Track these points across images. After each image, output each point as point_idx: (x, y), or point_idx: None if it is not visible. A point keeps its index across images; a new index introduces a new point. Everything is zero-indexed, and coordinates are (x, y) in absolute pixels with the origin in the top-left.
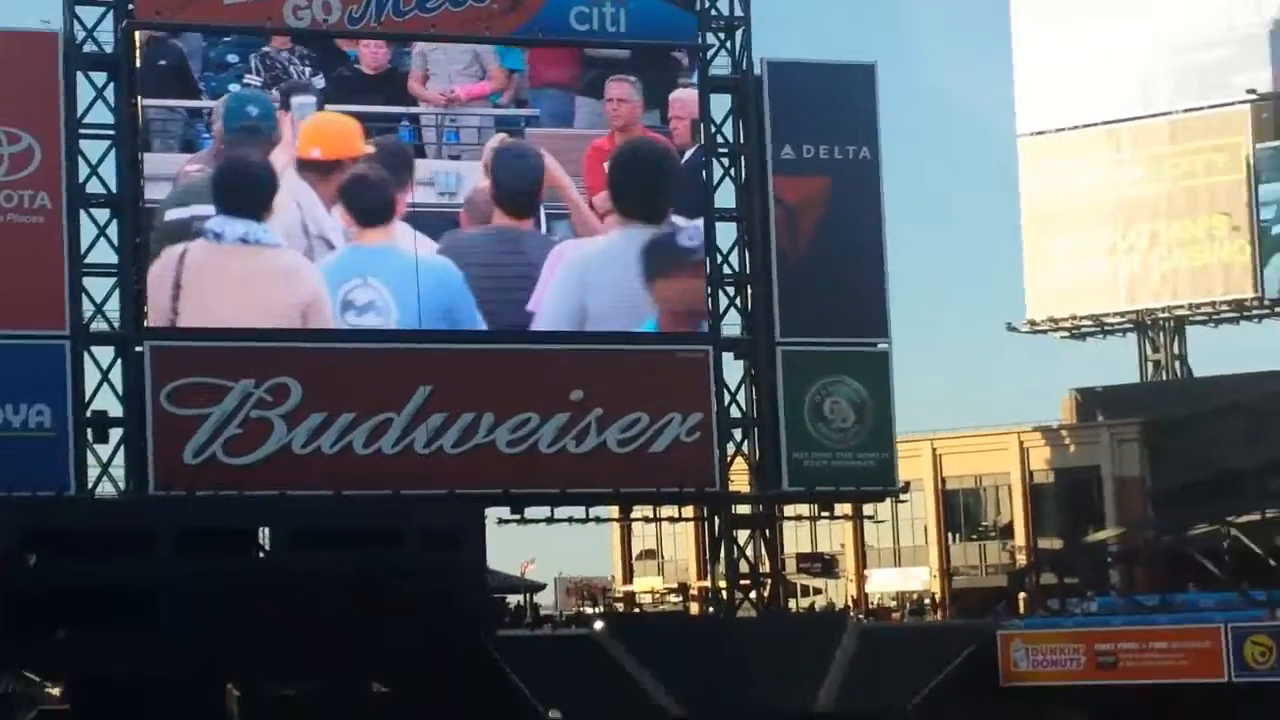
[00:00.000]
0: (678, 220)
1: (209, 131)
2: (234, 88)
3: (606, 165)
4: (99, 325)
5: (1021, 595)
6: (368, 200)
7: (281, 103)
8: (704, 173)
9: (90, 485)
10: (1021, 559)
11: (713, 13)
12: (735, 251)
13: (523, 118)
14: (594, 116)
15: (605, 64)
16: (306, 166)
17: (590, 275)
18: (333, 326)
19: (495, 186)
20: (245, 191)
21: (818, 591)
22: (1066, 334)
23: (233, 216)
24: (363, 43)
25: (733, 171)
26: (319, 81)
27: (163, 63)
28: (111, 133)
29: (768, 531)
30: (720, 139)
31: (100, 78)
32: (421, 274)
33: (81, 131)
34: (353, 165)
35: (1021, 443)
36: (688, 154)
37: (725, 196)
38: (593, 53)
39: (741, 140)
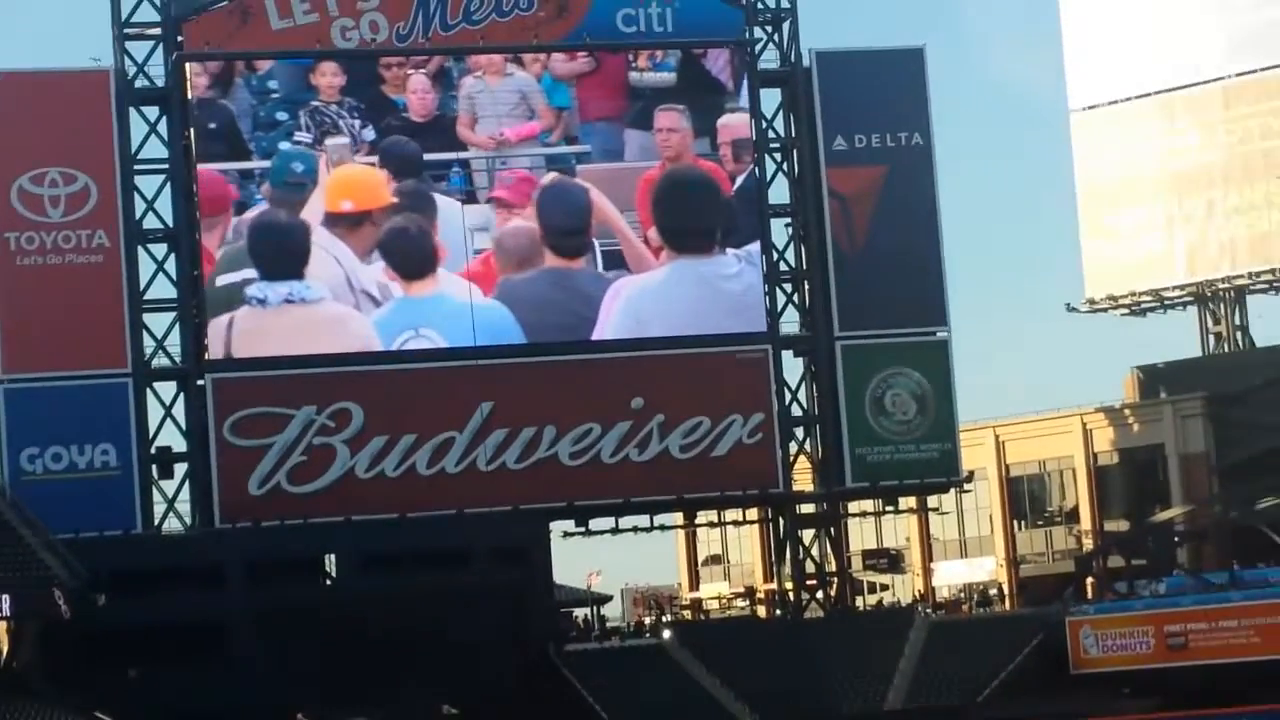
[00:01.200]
0: (727, 254)
1: (259, 192)
2: (284, 145)
3: (650, 197)
4: (160, 361)
5: (1089, 580)
6: (410, 253)
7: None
8: (756, 170)
9: (157, 522)
10: (1088, 543)
11: (759, 6)
12: (790, 247)
13: (573, 155)
14: (644, 148)
15: (653, 94)
16: (337, 220)
17: (646, 311)
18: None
19: (543, 228)
20: (281, 252)
21: (884, 588)
22: (1126, 311)
23: (274, 281)
24: (410, 89)
25: (785, 166)
26: (369, 133)
27: (213, 125)
28: (166, 167)
29: (832, 530)
30: (772, 134)
31: (152, 112)
32: (476, 319)
33: (136, 168)
34: (383, 216)
35: (1085, 424)
36: (739, 179)
37: (779, 192)
38: (639, 83)
39: (793, 134)
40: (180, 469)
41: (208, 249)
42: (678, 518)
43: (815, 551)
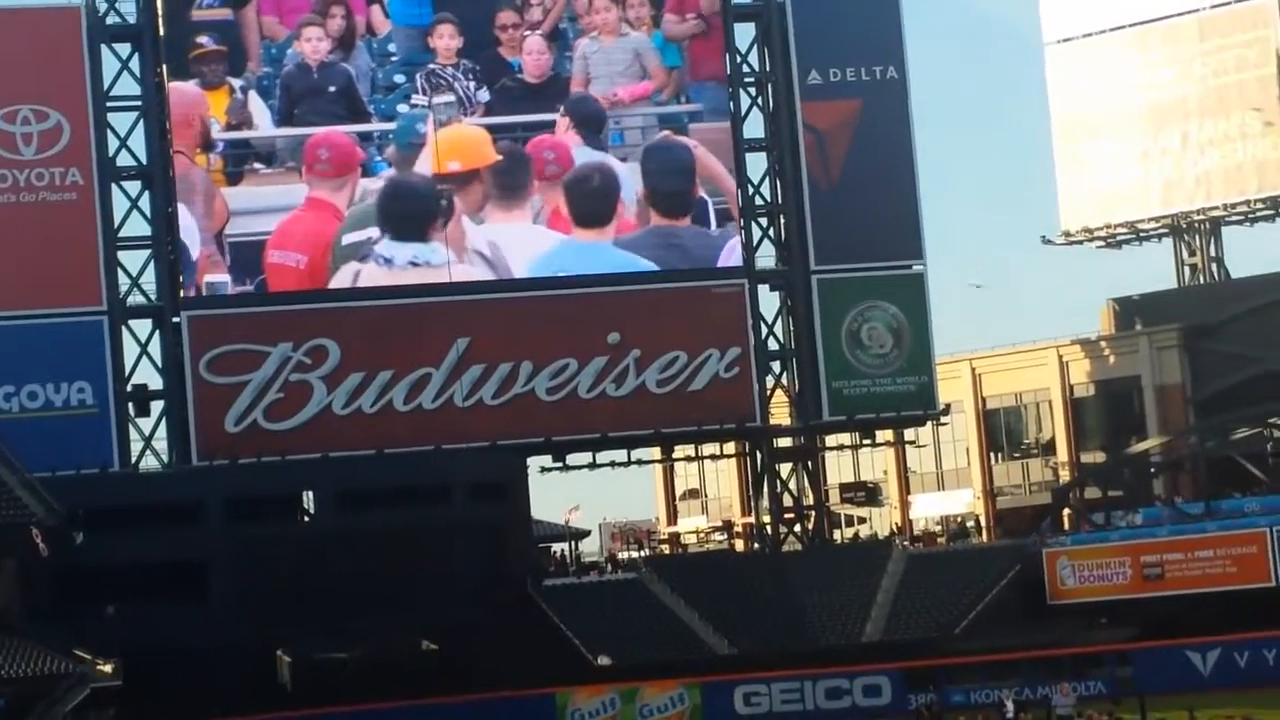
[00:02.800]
0: None
1: (380, 155)
2: (402, 108)
3: None
4: (135, 299)
5: (1066, 512)
6: (590, 201)
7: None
8: (731, 104)
9: (134, 460)
10: (1065, 475)
11: None
12: (766, 182)
13: (685, 114)
14: None
15: None
16: (446, 180)
17: None
18: None
19: (648, 187)
20: (408, 215)
21: (862, 521)
22: (1102, 243)
23: (399, 241)
24: (525, 51)
25: (760, 100)
26: (484, 95)
27: (333, 89)
28: (139, 104)
29: (810, 463)
30: (746, 68)
31: (124, 49)
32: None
33: (109, 104)
34: (488, 174)
35: (1061, 357)
36: None
37: (754, 127)
38: None
39: (768, 68)
40: (157, 407)
41: (334, 204)
42: (655, 452)
43: (793, 485)
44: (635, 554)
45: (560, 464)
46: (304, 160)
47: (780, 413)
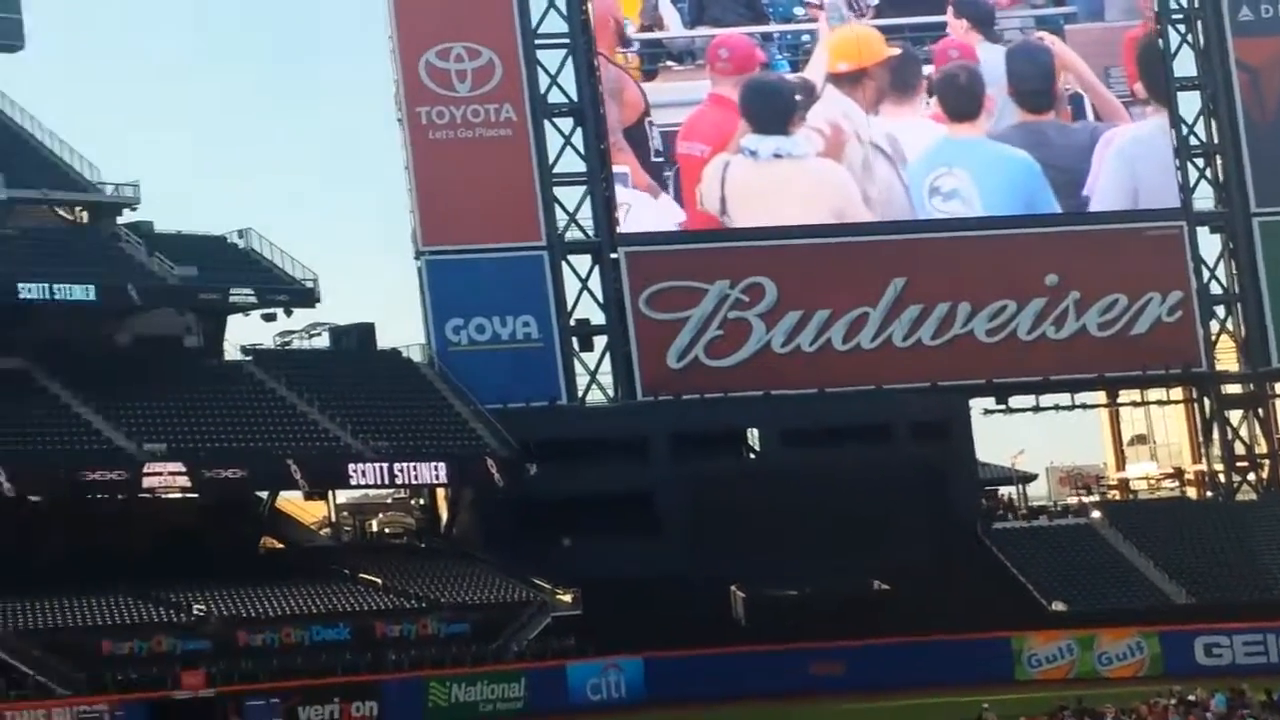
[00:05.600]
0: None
1: (780, 54)
2: (797, 10)
3: (1135, 54)
4: (573, 234)
5: None
6: (961, 98)
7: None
8: (1160, 42)
9: (581, 393)
10: None
11: None
12: (1200, 121)
13: (1061, 16)
14: (1125, 9)
15: None
16: (839, 80)
17: (1138, 161)
18: (913, 216)
19: (1013, 86)
20: (769, 110)
21: None
22: None
23: (763, 135)
24: None
25: (1190, 38)
26: None
27: None
28: (566, 41)
29: (1260, 410)
30: (1175, 5)
31: None
32: (1004, 165)
33: (537, 42)
34: (882, 71)
35: None
36: None
37: (1184, 65)
38: None
39: (1196, 4)
40: (599, 341)
41: (733, 100)
42: (1099, 396)
43: (1244, 432)
44: (1084, 499)
45: (1003, 407)
46: (707, 59)
47: (1227, 358)
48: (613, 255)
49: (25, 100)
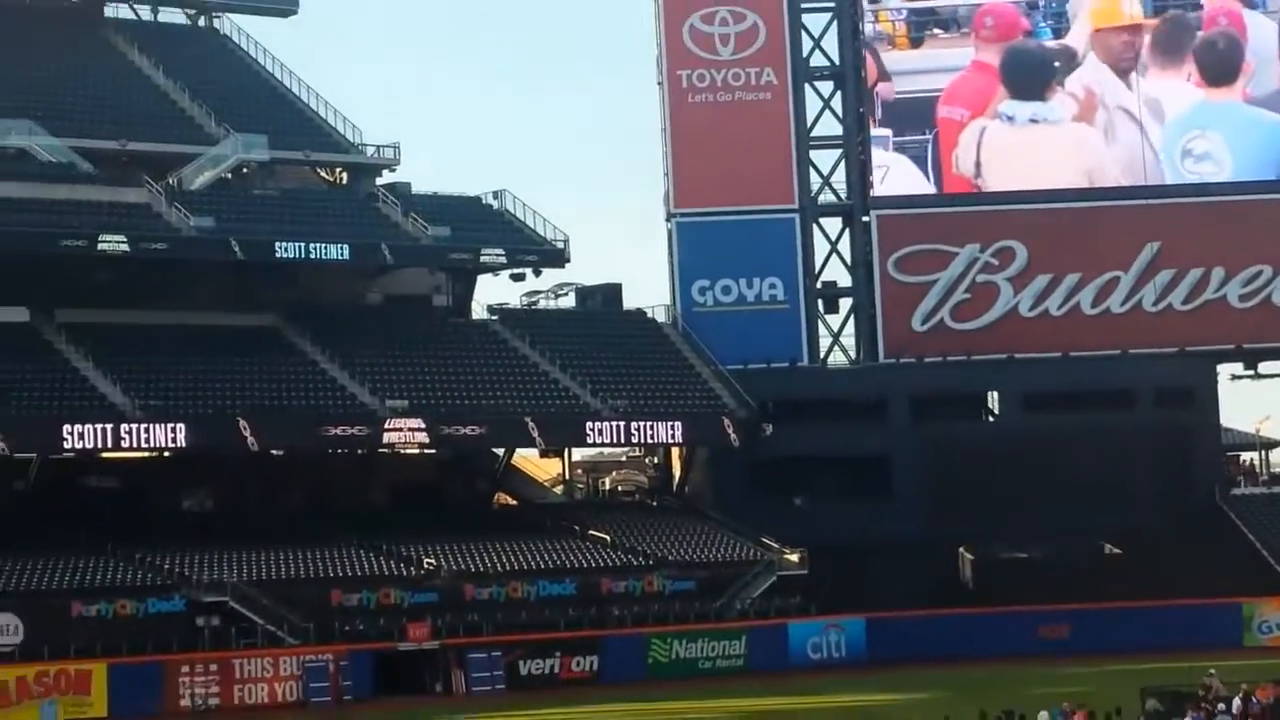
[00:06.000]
0: None
1: (1044, 21)
2: None
3: None
4: (825, 197)
5: None
6: (1219, 63)
7: None
8: None
9: (822, 355)
10: None
11: None
12: None
13: None
14: None
15: None
16: (1102, 41)
17: None
18: (1163, 181)
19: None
20: (1026, 76)
21: None
22: None
23: (1020, 101)
24: None
25: None
26: None
27: None
28: (832, 5)
29: None
30: None
31: None
32: (1261, 128)
33: (803, 6)
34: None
35: None
36: None
37: None
38: None
39: None
40: (845, 304)
41: (995, 67)
42: None
43: None
44: None
45: (1251, 372)
46: (973, 26)
47: None
48: (864, 218)
49: (294, 64)
